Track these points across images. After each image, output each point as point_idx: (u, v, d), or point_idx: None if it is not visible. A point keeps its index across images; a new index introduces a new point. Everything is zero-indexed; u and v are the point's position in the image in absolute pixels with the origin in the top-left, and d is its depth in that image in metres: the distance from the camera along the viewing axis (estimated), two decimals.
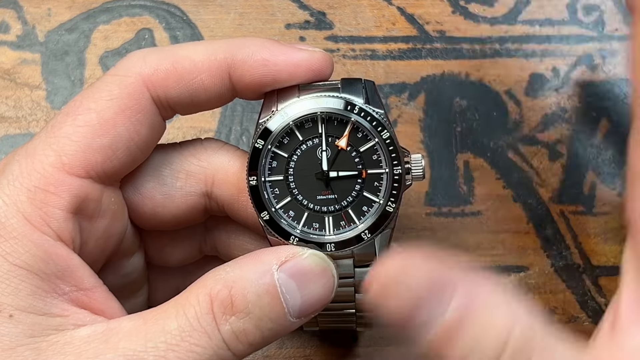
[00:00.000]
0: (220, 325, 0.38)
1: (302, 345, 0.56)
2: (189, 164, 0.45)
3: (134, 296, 0.49)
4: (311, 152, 0.43)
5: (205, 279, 0.40)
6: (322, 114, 0.42)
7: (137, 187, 0.44)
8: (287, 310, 0.39)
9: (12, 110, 0.60)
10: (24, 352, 0.37)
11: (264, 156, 0.43)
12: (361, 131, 0.43)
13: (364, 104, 0.42)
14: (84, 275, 0.40)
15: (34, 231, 0.38)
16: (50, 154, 0.40)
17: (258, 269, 0.39)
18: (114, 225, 0.43)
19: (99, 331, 0.38)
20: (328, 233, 0.43)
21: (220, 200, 0.45)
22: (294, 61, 0.42)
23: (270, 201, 0.43)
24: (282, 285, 0.39)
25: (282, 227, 0.43)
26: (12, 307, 0.37)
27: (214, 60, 0.42)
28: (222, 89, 0.43)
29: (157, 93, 0.42)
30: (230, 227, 0.48)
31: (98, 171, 0.41)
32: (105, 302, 0.41)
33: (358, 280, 0.44)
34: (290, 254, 0.40)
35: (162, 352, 0.37)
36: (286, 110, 0.42)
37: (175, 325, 0.38)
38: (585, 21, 0.62)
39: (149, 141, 0.43)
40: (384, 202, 0.43)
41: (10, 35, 0.61)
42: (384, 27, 0.62)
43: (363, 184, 0.43)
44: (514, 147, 0.59)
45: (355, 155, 0.43)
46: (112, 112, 0.41)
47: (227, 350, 0.38)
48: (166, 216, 0.45)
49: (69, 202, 0.39)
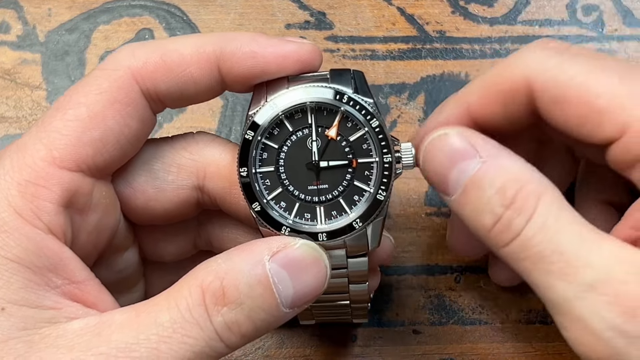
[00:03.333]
0: (213, 316, 0.38)
1: (302, 345, 0.56)
2: (181, 157, 0.45)
3: (129, 292, 0.49)
4: (301, 143, 0.43)
5: (196, 270, 0.40)
6: (311, 104, 0.42)
7: (128, 181, 0.45)
8: (280, 301, 0.39)
9: (13, 110, 0.60)
10: (16, 344, 0.37)
11: (254, 147, 0.43)
12: (351, 120, 0.43)
13: (353, 94, 0.42)
14: (76, 269, 0.40)
15: (25, 224, 0.38)
16: (41, 148, 0.40)
17: (250, 259, 0.39)
18: (105, 219, 0.43)
19: (91, 324, 0.38)
20: (320, 223, 0.43)
21: (213, 193, 0.45)
22: (283, 53, 0.42)
23: (261, 192, 0.43)
24: (274, 275, 0.39)
25: (273, 218, 0.43)
26: (4, 300, 0.38)
27: (203, 53, 0.42)
28: (212, 81, 0.43)
29: (147, 86, 0.42)
30: (223, 221, 0.48)
31: (89, 164, 0.41)
32: (97, 295, 0.41)
33: (351, 271, 0.44)
34: (281, 245, 0.40)
35: (154, 344, 0.37)
36: (275, 102, 0.42)
37: (167, 317, 0.37)
38: (584, 21, 0.62)
39: (140, 134, 0.43)
40: (374, 191, 0.43)
41: (10, 35, 0.61)
42: (384, 27, 0.62)
43: (354, 173, 0.43)
44: None
45: (345, 144, 0.43)
46: (101, 106, 0.41)
47: (220, 342, 0.38)
48: (159, 210, 0.45)
49: (60, 195, 0.40)
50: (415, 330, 0.56)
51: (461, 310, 0.56)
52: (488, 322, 0.56)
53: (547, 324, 0.55)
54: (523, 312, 0.56)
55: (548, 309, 0.40)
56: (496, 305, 0.56)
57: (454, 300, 0.56)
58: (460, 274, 0.57)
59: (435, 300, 0.56)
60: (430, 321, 0.56)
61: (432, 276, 0.57)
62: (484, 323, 0.56)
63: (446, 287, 0.57)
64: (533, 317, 0.56)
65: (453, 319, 0.56)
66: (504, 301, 0.56)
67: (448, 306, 0.56)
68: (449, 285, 0.57)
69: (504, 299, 0.56)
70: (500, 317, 0.56)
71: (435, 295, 0.56)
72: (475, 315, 0.56)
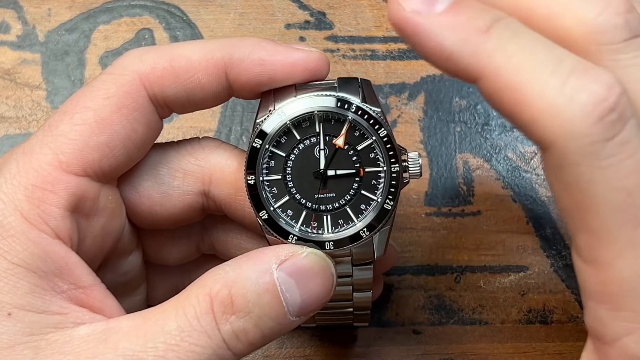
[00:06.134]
0: (220, 324, 0.38)
1: (302, 345, 0.56)
2: (187, 163, 0.45)
3: (132, 295, 0.49)
4: (309, 151, 0.43)
5: (204, 278, 0.40)
6: (319, 113, 0.42)
7: (134, 186, 0.45)
8: (287, 309, 0.39)
9: (12, 110, 0.60)
10: (22, 350, 0.37)
11: (261, 155, 0.43)
12: (358, 129, 0.43)
13: (360, 103, 0.42)
14: (82, 273, 0.40)
15: (32, 229, 0.38)
16: (48, 152, 0.40)
17: (258, 268, 0.39)
18: (111, 224, 0.43)
19: (98, 330, 0.38)
20: (326, 232, 0.43)
21: (218, 199, 0.45)
22: (291, 61, 0.42)
23: (268, 200, 0.43)
24: (281, 284, 0.39)
25: (280, 226, 0.43)
26: (10, 306, 0.37)
27: (211, 59, 0.42)
28: (219, 87, 0.43)
29: (154, 91, 0.42)
30: (227, 226, 0.48)
31: (95, 169, 0.41)
32: (103, 300, 0.41)
33: (356, 280, 0.45)
34: (289, 253, 0.40)
35: (162, 352, 0.37)
36: (283, 110, 0.42)
37: (175, 325, 0.37)
38: None
39: (146, 139, 0.43)
40: (382, 200, 0.43)
41: (10, 35, 0.61)
42: (384, 27, 0.62)
43: (361, 182, 0.43)
44: (513, 147, 0.59)
45: (353, 153, 0.43)
46: (109, 111, 0.41)
47: (227, 350, 0.38)
48: (164, 215, 0.45)
49: (67, 200, 0.39)
50: (415, 330, 0.56)
51: (461, 310, 0.56)
52: (488, 322, 0.56)
53: (547, 324, 0.56)
54: (523, 312, 0.56)
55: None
56: (496, 305, 0.56)
57: (454, 300, 0.57)
58: (460, 274, 0.57)
59: (435, 300, 0.57)
60: (430, 321, 0.56)
61: (432, 276, 0.57)
62: (484, 323, 0.56)
63: (446, 287, 0.57)
64: (533, 317, 0.56)
65: (453, 319, 0.56)
66: (504, 301, 0.57)
67: (448, 306, 0.56)
68: (449, 285, 0.57)
69: (504, 299, 0.57)
70: (500, 317, 0.56)
71: (435, 295, 0.57)
72: (475, 315, 0.56)
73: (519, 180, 0.59)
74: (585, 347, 0.37)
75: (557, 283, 0.57)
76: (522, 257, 0.57)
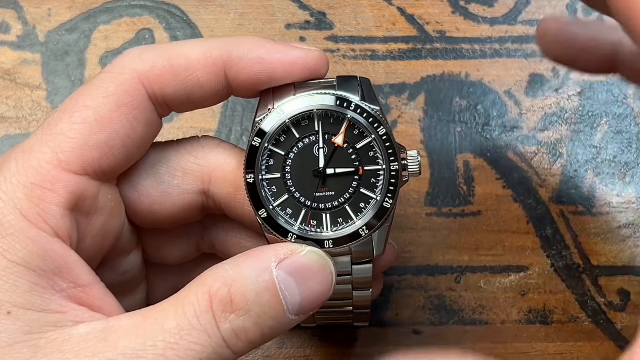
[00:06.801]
0: (220, 323, 0.38)
1: (302, 345, 0.56)
2: (186, 162, 0.45)
3: (131, 294, 0.49)
4: (308, 150, 0.43)
5: (203, 277, 0.40)
6: (318, 111, 0.43)
7: (133, 185, 0.45)
8: (286, 308, 0.39)
9: (12, 110, 0.60)
10: (21, 349, 0.37)
11: (260, 154, 0.43)
12: (357, 128, 0.43)
13: (359, 101, 0.42)
14: (81, 272, 0.40)
15: (31, 227, 0.38)
16: (47, 151, 0.40)
17: (257, 266, 0.39)
18: (110, 222, 0.43)
19: (97, 329, 0.38)
20: (326, 230, 0.43)
21: (217, 198, 0.45)
22: (290, 59, 0.42)
23: (267, 199, 0.43)
24: (280, 282, 0.39)
25: (279, 225, 0.43)
26: (9, 304, 0.37)
27: (210, 58, 0.42)
28: (218, 86, 0.43)
29: (153, 90, 0.42)
30: (227, 225, 0.48)
31: (94, 168, 0.41)
32: (102, 299, 0.41)
33: (356, 278, 0.45)
34: (288, 251, 0.40)
35: (161, 351, 0.37)
36: (282, 108, 0.43)
37: (174, 323, 0.37)
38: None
39: (145, 138, 0.43)
40: (381, 198, 0.43)
41: (10, 35, 0.61)
42: (384, 27, 0.62)
43: (360, 180, 0.43)
44: (513, 147, 0.59)
45: (352, 152, 0.43)
46: (108, 109, 0.41)
47: (226, 348, 0.38)
48: (163, 213, 0.45)
49: (66, 198, 0.39)
50: (415, 330, 0.56)
51: (461, 310, 0.56)
52: (488, 322, 0.56)
53: (547, 324, 0.56)
54: (523, 312, 0.56)
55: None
56: (496, 306, 0.56)
57: (454, 300, 0.57)
58: (461, 274, 0.57)
59: (435, 300, 0.56)
60: (430, 321, 0.56)
61: (432, 276, 0.57)
62: (484, 323, 0.56)
63: (446, 287, 0.57)
64: (533, 317, 0.56)
65: (453, 319, 0.56)
66: (504, 301, 0.57)
67: (448, 306, 0.56)
68: (449, 285, 0.57)
69: (504, 299, 0.57)
70: (500, 317, 0.56)
71: (435, 295, 0.57)
72: (475, 315, 0.56)
73: (519, 180, 0.59)
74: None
75: (557, 283, 0.57)
76: (522, 257, 0.57)
